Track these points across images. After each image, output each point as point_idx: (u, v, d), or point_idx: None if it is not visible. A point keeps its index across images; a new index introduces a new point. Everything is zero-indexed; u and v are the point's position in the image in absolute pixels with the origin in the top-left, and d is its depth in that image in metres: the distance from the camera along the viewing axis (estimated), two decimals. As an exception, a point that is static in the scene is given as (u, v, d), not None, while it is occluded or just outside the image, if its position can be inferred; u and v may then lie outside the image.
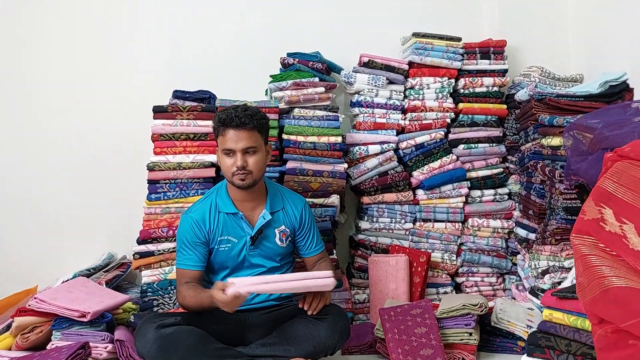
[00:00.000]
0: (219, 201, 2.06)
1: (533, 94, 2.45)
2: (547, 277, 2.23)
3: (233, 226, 2.04)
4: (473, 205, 2.76)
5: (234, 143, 1.94)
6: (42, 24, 2.80)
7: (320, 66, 2.69)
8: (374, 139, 2.72)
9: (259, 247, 2.06)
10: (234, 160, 1.95)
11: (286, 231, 2.11)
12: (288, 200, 2.15)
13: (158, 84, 2.73)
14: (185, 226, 2.02)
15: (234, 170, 1.95)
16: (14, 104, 2.80)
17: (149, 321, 1.84)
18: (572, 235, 1.28)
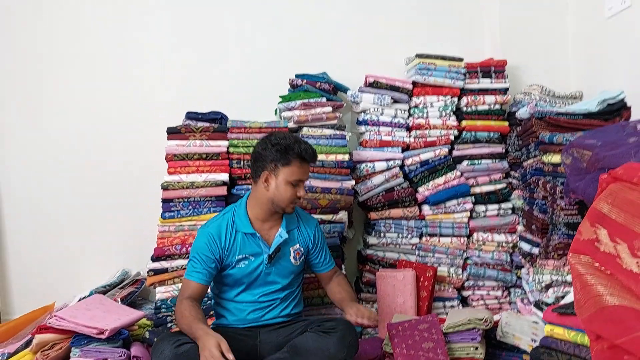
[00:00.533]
0: (237, 220, 2.11)
1: (533, 112, 2.51)
2: (551, 291, 2.28)
3: (251, 245, 2.10)
4: (477, 220, 2.82)
5: (305, 175, 2.07)
6: (61, 45, 2.90)
7: (327, 87, 2.77)
8: (380, 156, 2.79)
9: (275, 265, 2.12)
10: (296, 190, 2.05)
11: (300, 250, 2.19)
12: (302, 219, 2.24)
13: (172, 106, 2.82)
14: (201, 240, 2.07)
15: (294, 199, 2.06)
16: (34, 127, 2.90)
17: (166, 339, 1.88)
18: (569, 254, 1.35)
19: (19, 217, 2.90)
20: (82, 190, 2.91)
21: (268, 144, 2.05)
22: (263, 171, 2.06)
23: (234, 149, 2.60)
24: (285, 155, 2.02)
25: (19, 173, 2.90)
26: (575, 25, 2.93)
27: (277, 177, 2.04)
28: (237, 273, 2.09)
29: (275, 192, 2.05)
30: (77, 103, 2.91)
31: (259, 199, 2.10)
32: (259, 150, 2.08)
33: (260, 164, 2.06)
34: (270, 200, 2.07)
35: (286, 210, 2.09)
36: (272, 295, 2.14)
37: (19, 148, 2.90)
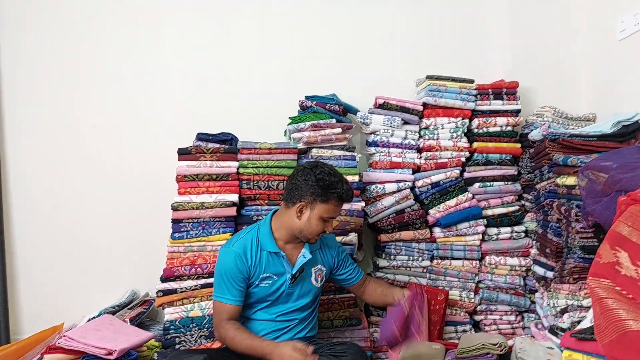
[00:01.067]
0: (261, 239, 2.11)
1: (547, 134, 2.49)
2: (566, 316, 2.23)
3: (275, 264, 2.10)
4: (490, 243, 2.79)
5: (337, 213, 2.10)
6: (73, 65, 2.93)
7: (337, 108, 2.77)
8: (391, 177, 2.77)
9: (297, 285, 2.13)
10: (326, 225, 2.08)
11: (322, 271, 2.20)
12: (324, 240, 2.25)
13: (183, 127, 2.84)
14: (227, 259, 2.06)
15: (321, 233, 2.09)
16: (46, 148, 2.91)
17: (175, 357, 1.87)
18: (588, 278, 1.32)
19: (30, 237, 2.89)
20: (92, 210, 2.91)
21: (312, 177, 2.04)
22: (300, 201, 2.05)
23: (243, 169, 2.59)
24: (326, 192, 2.03)
25: (31, 193, 2.90)
26: (586, 47, 2.92)
27: (313, 210, 2.05)
28: (259, 292, 2.09)
29: (307, 224, 2.06)
30: (89, 123, 2.92)
31: (287, 224, 2.10)
32: (300, 178, 2.07)
33: (298, 193, 2.06)
34: (299, 230, 2.08)
35: (310, 241, 2.12)
36: (291, 316, 2.13)
37: (30, 169, 2.91)
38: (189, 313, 2.43)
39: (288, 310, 2.12)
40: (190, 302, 2.45)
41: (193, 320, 2.42)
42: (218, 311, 2.05)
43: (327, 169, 2.07)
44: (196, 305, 2.44)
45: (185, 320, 2.42)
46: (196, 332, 2.41)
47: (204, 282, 2.44)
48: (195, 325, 2.41)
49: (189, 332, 2.41)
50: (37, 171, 2.90)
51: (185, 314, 2.43)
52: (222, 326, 2.00)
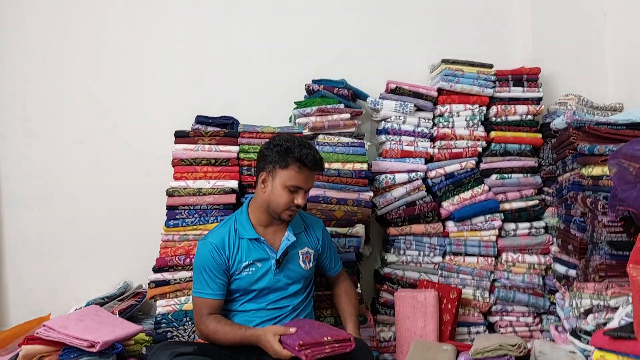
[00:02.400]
0: (239, 227, 2.00)
1: (571, 121, 2.33)
2: (591, 318, 2.05)
3: (256, 251, 1.97)
4: (507, 239, 2.61)
5: (305, 183, 1.93)
6: (69, 50, 2.80)
7: (345, 92, 2.62)
8: (402, 167, 2.61)
9: (284, 271, 1.99)
10: (294, 197, 1.93)
11: (309, 253, 2.07)
12: (308, 223, 2.14)
13: (182, 110, 2.70)
14: (204, 252, 1.95)
15: (290, 206, 1.93)
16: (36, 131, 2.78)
17: (162, 349, 1.74)
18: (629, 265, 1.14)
19: (18, 226, 2.76)
20: (84, 196, 2.77)
21: (271, 144, 1.96)
22: (261, 172, 1.97)
23: (244, 154, 2.45)
24: (284, 157, 1.91)
25: (19, 180, 2.77)
26: (613, 31, 2.75)
27: (274, 179, 1.94)
28: (244, 281, 1.95)
29: (271, 195, 1.94)
30: (82, 103, 2.79)
31: (257, 202, 2.00)
32: (262, 149, 1.99)
33: (261, 164, 1.97)
34: (266, 203, 1.97)
35: (281, 217, 1.97)
36: (282, 303, 1.99)
37: (19, 154, 2.77)
38: (183, 306, 2.29)
39: (279, 298, 1.98)
40: (184, 295, 2.32)
41: (187, 314, 2.28)
42: (198, 307, 1.92)
43: (288, 136, 1.96)
44: (190, 298, 2.28)
45: (179, 313, 2.28)
46: (189, 326, 2.26)
47: (199, 274, 2.28)
48: (189, 320, 2.27)
49: (182, 327, 2.27)
50: (26, 155, 2.77)
51: (178, 307, 2.29)
52: (203, 322, 1.88)
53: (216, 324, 1.86)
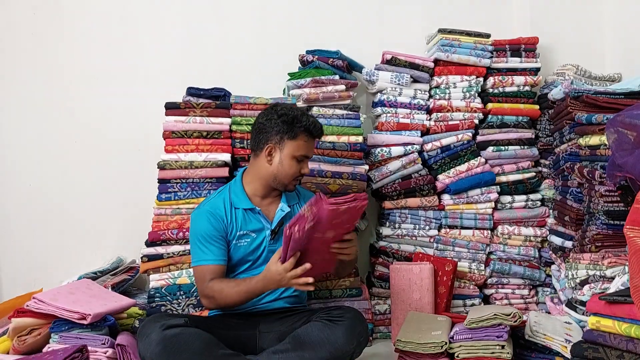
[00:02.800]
0: (234, 198, 1.97)
1: (569, 91, 2.29)
2: (587, 288, 2.03)
3: (251, 221, 1.95)
4: (503, 211, 2.59)
5: (311, 151, 1.94)
6: (57, 20, 2.73)
7: (340, 63, 2.57)
8: (397, 140, 2.57)
9: (278, 241, 1.94)
10: (300, 166, 1.92)
11: None
12: (302, 195, 2.10)
13: (173, 81, 2.64)
14: (201, 221, 1.90)
15: (297, 176, 1.93)
16: (27, 102, 2.73)
17: (153, 321, 1.71)
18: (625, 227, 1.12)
19: (9, 201, 2.73)
20: (75, 169, 2.73)
21: (274, 115, 1.90)
22: (267, 143, 1.91)
23: (237, 126, 2.40)
24: (292, 127, 1.88)
25: (7, 153, 2.72)
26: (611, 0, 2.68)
27: (282, 150, 1.90)
28: (239, 251, 1.93)
29: (279, 166, 1.91)
30: (72, 78, 2.72)
31: (260, 174, 1.95)
32: (262, 120, 1.93)
33: (264, 136, 1.91)
34: (273, 175, 1.92)
35: (288, 187, 1.95)
36: None
37: (7, 128, 2.72)
38: (176, 280, 2.28)
39: None
40: (177, 269, 2.30)
41: (180, 287, 2.26)
42: (200, 277, 1.86)
43: (287, 105, 1.94)
44: (184, 272, 2.29)
45: (172, 287, 2.26)
46: (183, 300, 2.25)
47: (192, 247, 2.26)
48: (183, 293, 2.26)
49: (176, 300, 2.25)
50: (15, 129, 2.72)
51: (172, 281, 2.28)
52: (206, 287, 1.83)
53: (219, 283, 1.82)
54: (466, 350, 1.88)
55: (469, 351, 1.87)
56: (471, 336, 1.88)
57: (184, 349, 1.64)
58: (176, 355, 1.63)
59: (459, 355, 1.89)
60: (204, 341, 1.68)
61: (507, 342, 1.85)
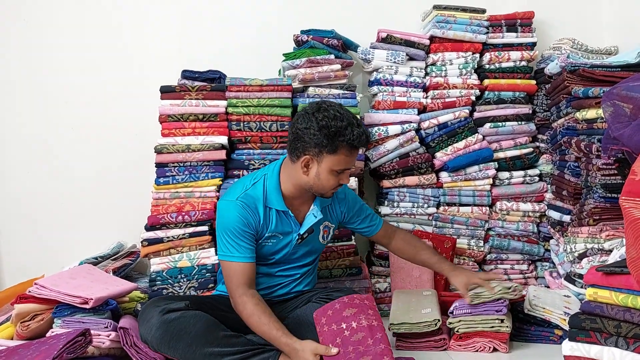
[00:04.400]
0: (269, 194, 1.84)
1: (565, 65, 2.27)
2: (585, 261, 2.05)
3: (282, 223, 1.87)
4: (501, 187, 2.59)
5: (352, 163, 1.80)
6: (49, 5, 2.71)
7: (335, 42, 2.55)
8: (394, 118, 2.56)
9: (303, 244, 1.92)
10: (340, 178, 1.79)
11: (329, 227, 1.99)
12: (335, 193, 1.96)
13: (167, 65, 2.64)
14: (232, 213, 1.78)
15: (336, 187, 1.81)
16: (22, 89, 2.72)
17: (153, 305, 1.73)
18: (621, 197, 1.12)
19: (9, 188, 2.73)
20: (72, 157, 2.73)
21: (313, 123, 1.71)
22: (304, 154, 1.75)
23: (233, 109, 2.39)
24: (333, 141, 1.70)
25: (11, 140, 2.72)
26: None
27: (320, 164, 1.75)
28: (263, 250, 1.88)
29: (315, 179, 1.77)
30: (67, 63, 2.71)
31: (294, 179, 1.83)
32: (300, 127, 1.74)
33: (301, 145, 1.74)
34: (309, 186, 1.81)
35: (325, 196, 1.85)
36: (291, 272, 1.96)
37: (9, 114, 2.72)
38: (177, 263, 2.28)
39: (289, 267, 1.94)
40: (178, 252, 2.30)
41: (181, 270, 2.27)
42: (230, 274, 1.77)
43: (332, 111, 1.72)
44: (184, 255, 2.28)
45: (173, 270, 2.27)
46: (185, 283, 2.26)
47: (192, 231, 2.27)
48: (184, 276, 2.26)
49: (177, 284, 2.26)
50: (9, 118, 2.71)
51: (172, 264, 2.28)
52: (239, 296, 1.73)
53: (253, 307, 1.70)
54: (466, 325, 1.91)
55: (469, 326, 1.90)
56: (471, 311, 1.90)
57: (185, 332, 1.65)
58: (177, 339, 1.65)
59: (459, 330, 1.92)
60: (205, 323, 1.68)
61: (506, 316, 1.88)
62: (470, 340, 1.90)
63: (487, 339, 1.87)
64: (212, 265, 2.25)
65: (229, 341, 1.68)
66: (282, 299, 1.95)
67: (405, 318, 1.95)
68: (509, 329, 1.87)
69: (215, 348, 1.65)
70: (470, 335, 1.90)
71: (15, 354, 1.63)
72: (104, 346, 1.78)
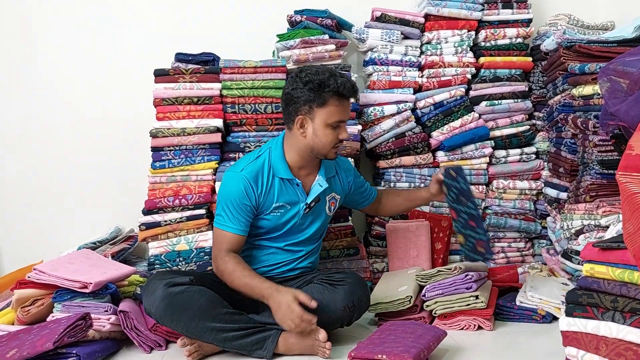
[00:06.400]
0: (274, 163, 1.88)
1: (561, 41, 2.26)
2: (582, 238, 2.06)
3: (288, 192, 1.89)
4: (498, 166, 2.60)
5: (345, 114, 1.83)
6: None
7: (329, 22, 2.53)
8: (390, 98, 2.55)
9: (310, 215, 1.94)
10: (337, 132, 1.81)
11: (335, 199, 2.02)
12: (340, 166, 2.03)
13: (160, 48, 2.61)
14: (235, 185, 1.83)
15: (336, 143, 1.83)
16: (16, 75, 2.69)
17: (158, 277, 1.74)
18: (617, 173, 1.12)
19: (6, 174, 2.72)
20: (68, 142, 2.71)
21: (299, 83, 1.78)
22: (297, 115, 1.80)
23: (227, 91, 2.36)
24: (320, 93, 1.76)
25: (4, 126, 2.70)
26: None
27: (314, 120, 1.79)
28: (270, 222, 1.90)
29: (314, 138, 1.81)
30: (60, 50, 2.68)
31: (296, 146, 1.86)
32: (288, 90, 1.82)
33: (293, 107, 1.80)
34: (309, 148, 1.84)
35: (328, 156, 1.87)
36: (299, 247, 1.97)
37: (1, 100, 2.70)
38: (175, 247, 2.27)
39: (297, 241, 1.95)
40: (175, 236, 2.29)
41: (180, 254, 2.26)
42: (219, 240, 1.85)
43: (313, 69, 1.80)
44: (182, 238, 2.28)
45: (171, 254, 2.26)
46: (183, 266, 2.26)
47: (189, 214, 2.26)
48: (182, 260, 2.26)
49: (176, 267, 2.26)
50: (4, 103, 2.69)
51: (171, 248, 2.27)
52: (222, 257, 1.81)
53: (235, 265, 1.78)
54: (442, 305, 1.93)
55: (445, 306, 1.92)
56: (442, 291, 1.93)
57: (188, 306, 1.67)
58: (180, 312, 1.66)
59: (436, 312, 1.93)
60: (208, 299, 1.70)
61: (480, 292, 1.90)
62: (455, 319, 1.92)
63: (471, 317, 1.89)
64: (210, 248, 2.24)
65: (231, 318, 1.71)
66: (284, 278, 1.95)
67: (380, 298, 1.97)
68: (484, 303, 1.88)
69: (217, 324, 1.68)
70: (454, 314, 1.92)
71: (17, 339, 1.64)
72: (105, 329, 1.80)
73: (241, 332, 1.69)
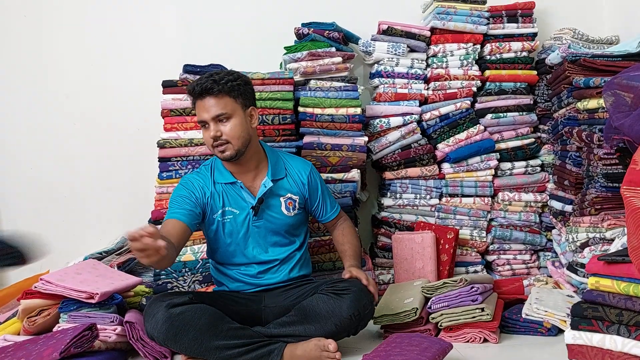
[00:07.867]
0: (216, 173, 1.95)
1: (566, 55, 2.28)
2: (587, 251, 2.06)
3: (234, 196, 1.93)
4: (503, 178, 2.60)
5: (205, 112, 1.84)
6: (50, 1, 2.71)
7: (336, 35, 2.55)
8: (396, 110, 2.57)
9: (264, 219, 1.93)
10: (208, 132, 1.86)
11: (293, 199, 1.99)
12: (292, 166, 2.04)
13: (169, 60, 2.64)
14: (179, 186, 1.93)
15: (211, 142, 1.86)
16: (24, 83, 2.73)
17: (158, 300, 1.73)
18: (622, 187, 1.13)
19: (15, 184, 2.74)
20: (75, 153, 2.74)
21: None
22: None
23: (235, 102, 2.39)
24: (190, 95, 1.88)
25: (13, 137, 2.73)
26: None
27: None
28: (226, 228, 1.91)
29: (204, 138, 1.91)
30: (68, 58, 2.72)
31: None
32: None
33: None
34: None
35: (217, 156, 1.91)
36: (270, 254, 1.95)
37: (12, 110, 2.73)
38: (181, 257, 2.29)
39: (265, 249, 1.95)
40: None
41: (185, 264, 2.28)
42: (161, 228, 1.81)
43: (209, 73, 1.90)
44: (188, 249, 2.30)
45: (177, 265, 2.28)
46: (189, 277, 2.28)
47: (196, 225, 2.27)
48: (188, 270, 2.28)
49: (182, 277, 2.28)
50: (13, 114, 2.72)
51: (177, 259, 2.28)
52: None
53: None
54: (448, 317, 1.92)
55: (451, 319, 1.91)
56: (448, 304, 1.92)
57: (191, 325, 1.66)
58: (183, 333, 1.66)
59: (442, 324, 1.93)
60: (211, 316, 1.70)
61: (486, 305, 1.89)
62: (461, 332, 1.91)
63: (477, 329, 1.89)
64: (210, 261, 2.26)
65: (235, 333, 1.70)
66: (283, 287, 1.95)
67: (387, 310, 1.97)
68: (490, 316, 1.87)
69: (221, 341, 1.67)
70: (460, 327, 1.92)
71: (23, 349, 1.65)
72: (111, 340, 1.81)
73: (246, 348, 1.68)
